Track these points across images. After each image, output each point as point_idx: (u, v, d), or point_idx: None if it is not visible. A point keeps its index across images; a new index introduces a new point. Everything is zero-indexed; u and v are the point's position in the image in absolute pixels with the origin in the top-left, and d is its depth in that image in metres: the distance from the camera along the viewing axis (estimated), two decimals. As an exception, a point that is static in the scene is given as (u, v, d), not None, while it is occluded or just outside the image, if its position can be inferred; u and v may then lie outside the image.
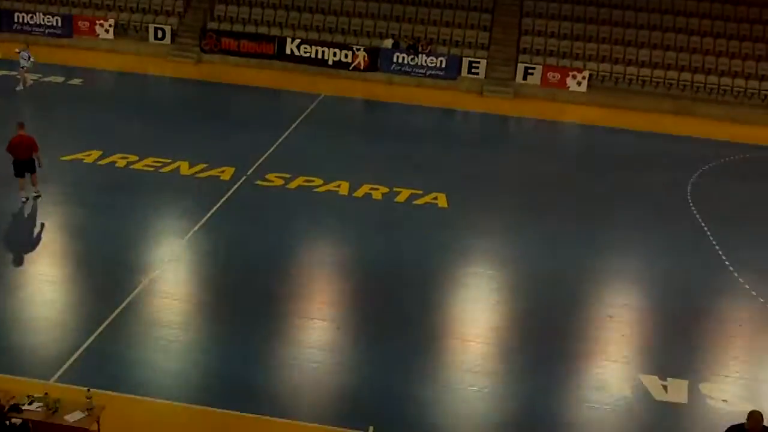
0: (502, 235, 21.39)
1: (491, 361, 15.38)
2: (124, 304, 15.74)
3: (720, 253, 21.08)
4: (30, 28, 38.23)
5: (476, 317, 16.94)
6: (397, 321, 16.32)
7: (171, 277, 17.29)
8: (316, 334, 15.68)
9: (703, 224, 23.01)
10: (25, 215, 20.14)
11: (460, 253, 19.94)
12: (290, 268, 18.35)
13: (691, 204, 24.72)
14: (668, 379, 15.02)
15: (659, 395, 14.57)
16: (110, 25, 38.43)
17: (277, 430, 12.81)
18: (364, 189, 23.13)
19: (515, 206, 23.33)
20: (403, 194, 23.01)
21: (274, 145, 26.26)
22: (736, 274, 19.82)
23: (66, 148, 23.77)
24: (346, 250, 19.68)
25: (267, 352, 14.88)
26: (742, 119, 36.15)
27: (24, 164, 20.01)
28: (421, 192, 23.27)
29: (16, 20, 38.36)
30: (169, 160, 23.74)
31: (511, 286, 18.63)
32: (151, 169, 23.12)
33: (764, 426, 10.84)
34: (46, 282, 16.74)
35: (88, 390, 11.66)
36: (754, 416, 10.79)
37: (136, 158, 23.68)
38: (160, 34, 38.47)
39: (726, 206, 25.08)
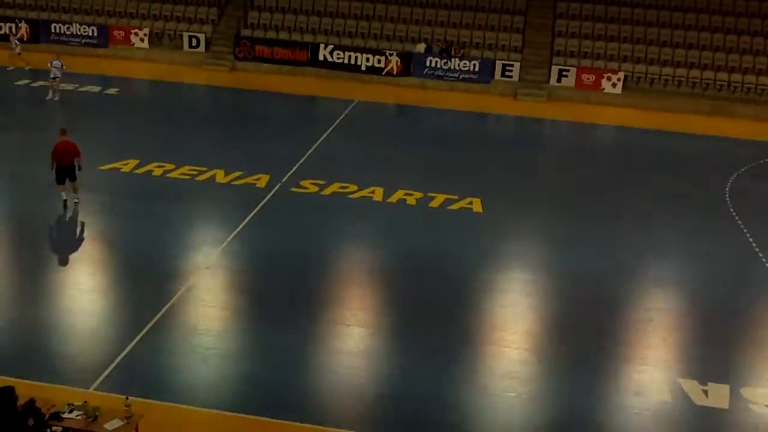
0: (539, 239, 21.27)
1: (528, 366, 15.27)
2: (162, 312, 15.86)
3: (760, 255, 20.78)
4: (66, 39, 38.81)
5: (513, 322, 16.83)
6: (433, 327, 16.27)
7: (209, 285, 17.39)
8: (353, 340, 15.68)
9: (742, 226, 22.70)
10: (65, 224, 20.43)
11: (496, 258, 19.86)
12: (326, 275, 18.39)
13: (730, 206, 24.40)
14: (709, 383, 14.80)
15: (699, 400, 14.37)
16: (145, 35, 38.89)
17: (315, 438, 12.83)
18: (399, 194, 23.12)
19: (551, 210, 23.19)
20: (438, 199, 22.97)
21: (309, 152, 26.36)
22: (777, 277, 19.57)
23: (103, 157, 24.04)
24: (381, 257, 19.68)
25: (305, 358, 14.90)
26: (781, 119, 35.65)
27: (66, 171, 20.32)
28: (455, 197, 23.21)
29: (53, 31, 38.95)
30: (205, 168, 23.91)
31: (547, 290, 18.49)
32: (188, 177, 23.31)
33: None
34: (85, 290, 16.94)
35: (127, 398, 11.74)
36: None
37: (173, 167, 23.89)
38: (194, 43, 38.85)
39: (765, 207, 24.70)
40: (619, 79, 36.89)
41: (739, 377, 15.16)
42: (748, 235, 22.08)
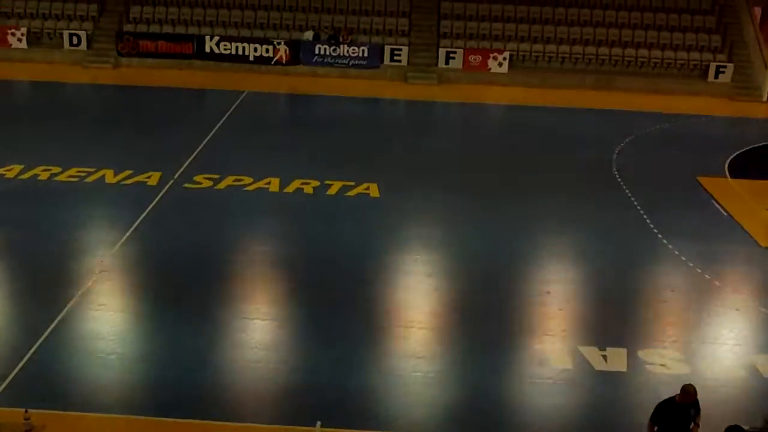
0: (436, 220, 21.49)
1: (434, 345, 15.48)
2: (57, 320, 15.37)
3: (648, 221, 21.57)
4: (-63, 42, 37.05)
5: (417, 303, 17.01)
6: (337, 313, 16.29)
7: (104, 289, 16.95)
8: (257, 333, 15.57)
9: (629, 194, 23.52)
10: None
11: (396, 240, 20.00)
12: (225, 270, 18.14)
13: (617, 176, 25.23)
14: (607, 348, 15.30)
15: (599, 365, 14.84)
16: (22, 34, 37.46)
17: (225, 434, 12.71)
18: (295, 184, 23.02)
19: (446, 191, 23.46)
20: (335, 186, 22.97)
21: (200, 147, 25.94)
22: (665, 241, 20.31)
23: (-15, 163, 23.17)
24: (281, 247, 19.58)
25: (208, 356, 14.70)
26: (661, 90, 37.01)
27: None
28: (352, 183, 23.25)
29: None
30: (93, 170, 23.26)
31: (448, 269, 18.73)
32: (76, 179, 22.64)
33: (696, 399, 11.03)
34: (-26, 303, 16.28)
35: (26, 411, 11.40)
36: (686, 390, 10.97)
37: (60, 170, 23.14)
38: (75, 41, 37.66)
39: (650, 175, 25.66)
40: (504, 59, 37.53)
41: (634, 340, 15.71)
42: (635, 202, 22.88)
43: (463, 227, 20.95)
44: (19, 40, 37.40)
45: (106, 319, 15.73)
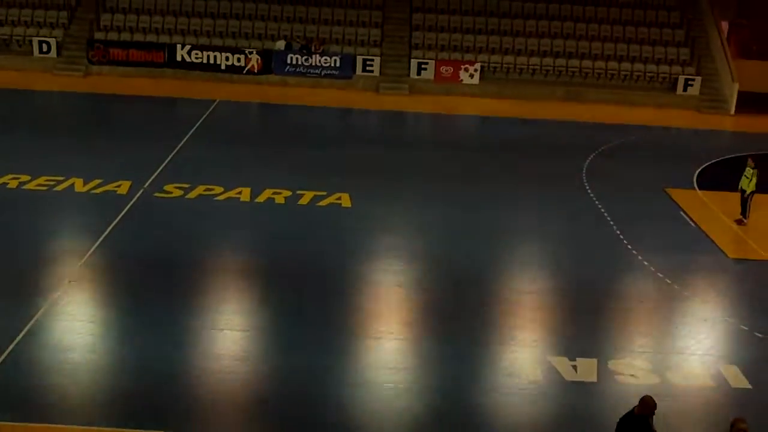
0: (408, 230, 21.52)
1: (405, 356, 15.45)
2: (25, 330, 15.15)
3: (617, 232, 21.74)
4: None
5: (388, 313, 16.99)
6: (308, 324, 16.21)
7: (72, 298, 16.75)
8: (228, 343, 15.47)
9: (599, 206, 23.70)
10: None
11: (367, 251, 20.00)
12: (196, 280, 18.02)
13: (587, 187, 25.42)
14: (577, 359, 15.35)
15: (570, 376, 14.89)
16: (-9, 41, 37.16)
17: (194, 445, 12.61)
18: (267, 194, 22.95)
19: (417, 201, 23.54)
20: (307, 196, 22.93)
21: (171, 156, 25.80)
22: (634, 252, 20.47)
23: (-48, 171, 22.87)
24: (252, 257, 19.48)
25: (179, 367, 14.57)
26: (630, 102, 37.41)
27: None
28: (324, 193, 23.23)
29: None
30: (62, 178, 23.04)
31: (419, 279, 18.73)
32: (44, 188, 22.40)
33: (652, 412, 11.09)
34: (-61, 313, 16.02)
35: (-7, 422, 11.23)
36: (645, 401, 11.05)
37: (28, 178, 22.90)
38: (45, 48, 37.35)
39: (620, 187, 25.87)
40: (476, 70, 37.76)
41: (604, 351, 15.79)
42: (605, 213, 23.05)
43: (434, 237, 20.99)
44: (-12, 46, 37.05)
45: (75, 329, 15.53)
